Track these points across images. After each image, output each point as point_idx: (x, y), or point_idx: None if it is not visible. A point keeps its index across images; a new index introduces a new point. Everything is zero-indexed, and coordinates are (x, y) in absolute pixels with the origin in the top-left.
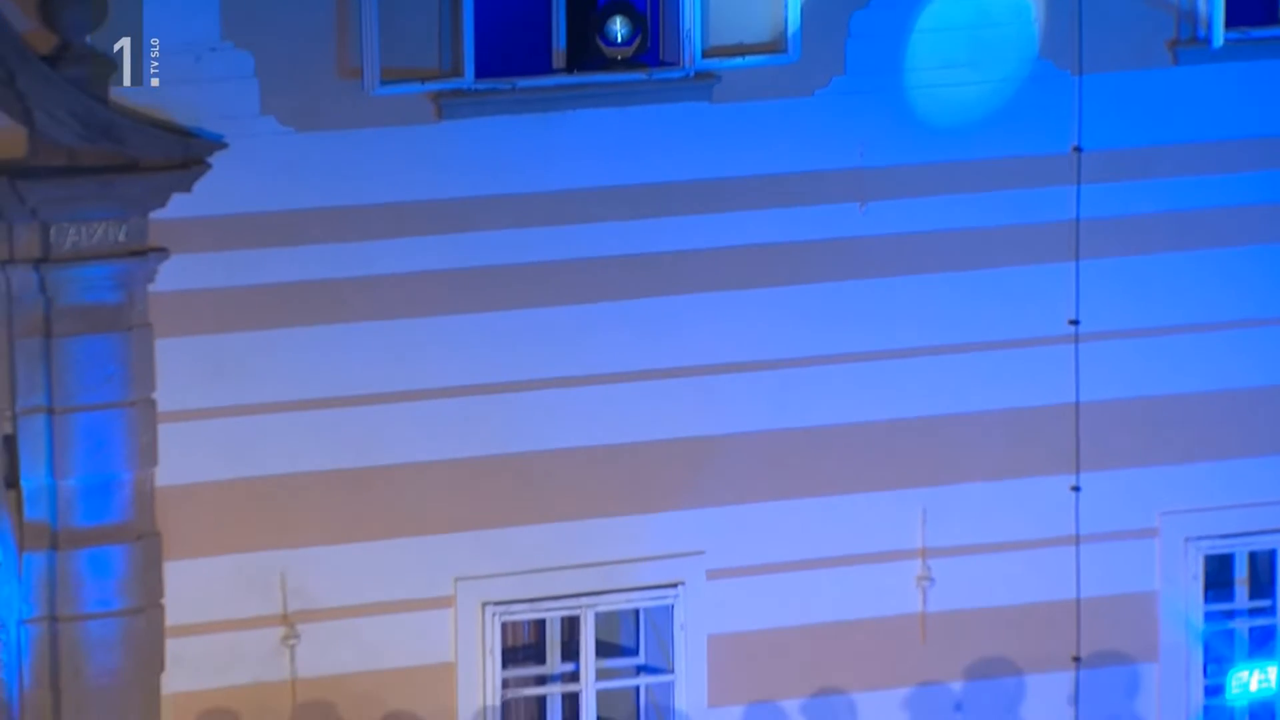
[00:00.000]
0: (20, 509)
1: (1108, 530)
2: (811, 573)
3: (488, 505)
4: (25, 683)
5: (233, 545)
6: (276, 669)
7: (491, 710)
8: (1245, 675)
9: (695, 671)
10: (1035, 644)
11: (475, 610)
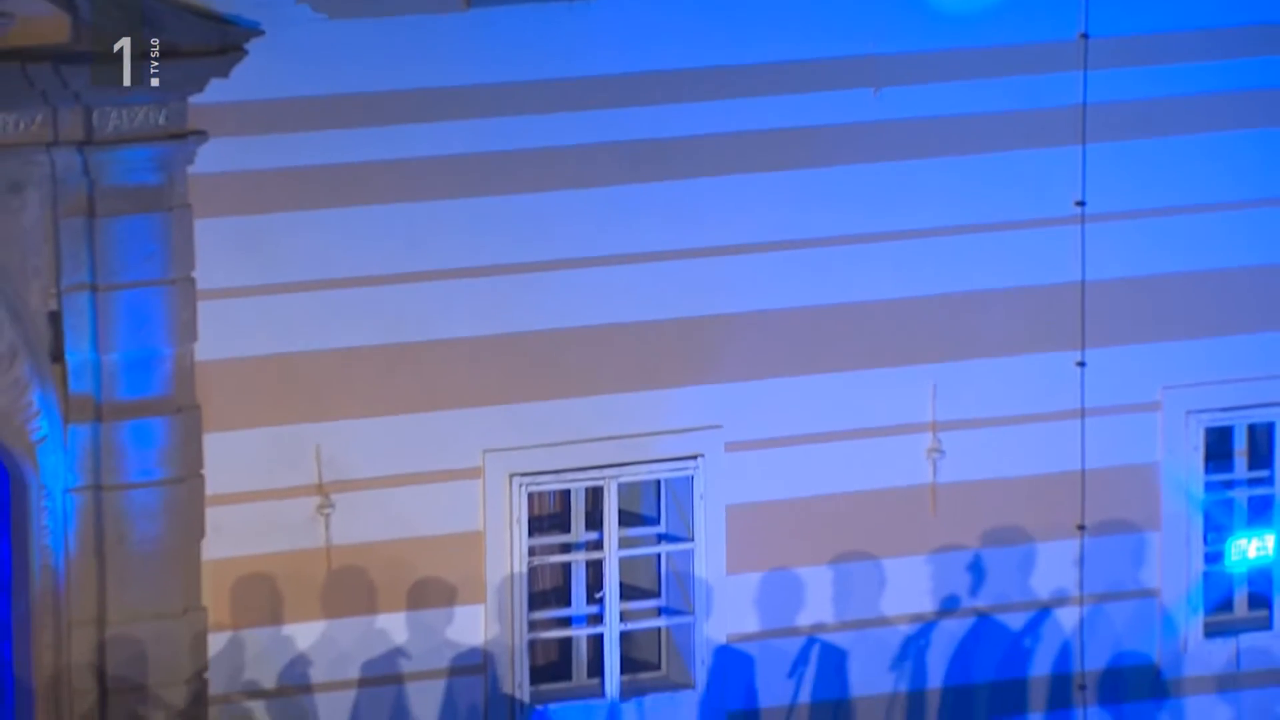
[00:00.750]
0: (65, 382)
1: (1111, 404)
2: (826, 446)
3: (514, 380)
4: (71, 549)
5: (269, 418)
6: (311, 537)
7: (518, 577)
8: (1244, 543)
9: (714, 540)
10: (1041, 514)
11: (502, 481)
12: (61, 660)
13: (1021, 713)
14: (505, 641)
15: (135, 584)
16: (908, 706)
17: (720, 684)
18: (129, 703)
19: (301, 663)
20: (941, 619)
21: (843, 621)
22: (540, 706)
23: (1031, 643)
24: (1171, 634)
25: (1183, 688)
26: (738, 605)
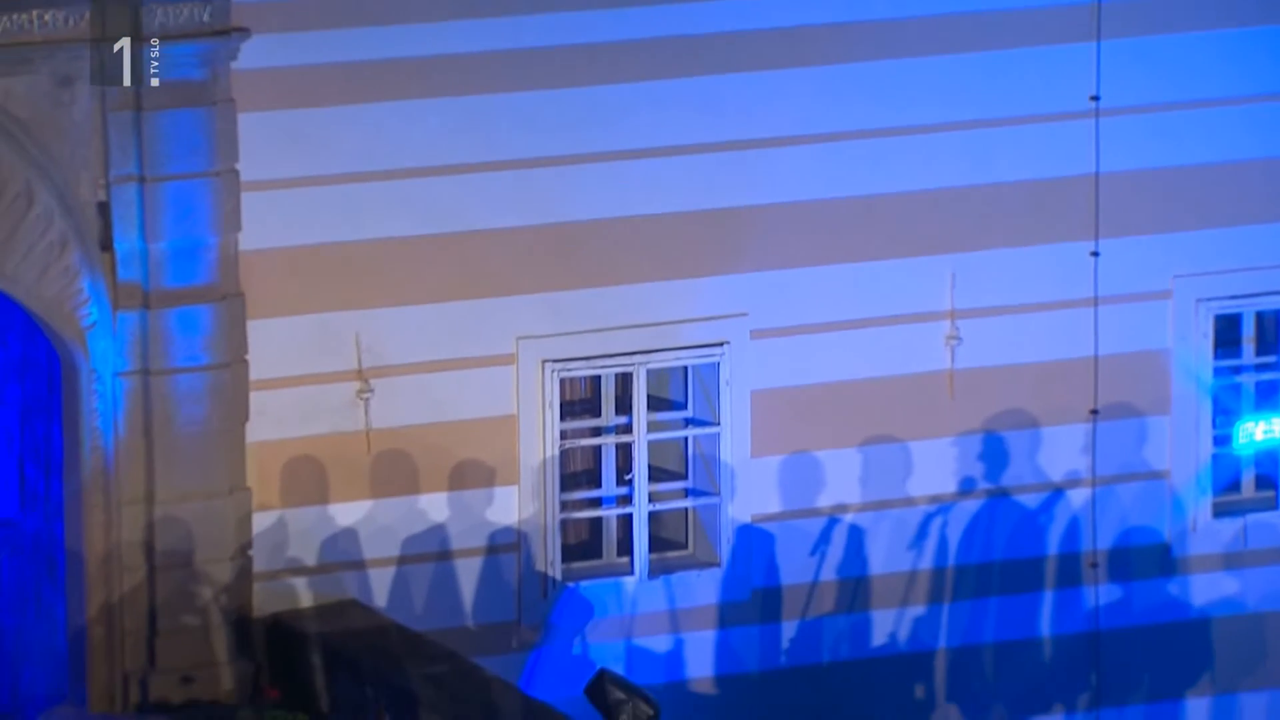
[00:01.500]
0: (114, 271)
1: (1124, 293)
2: (848, 333)
3: (548, 269)
4: (120, 432)
5: (311, 306)
6: (352, 421)
7: (551, 460)
8: (1251, 426)
9: (739, 424)
10: (1055, 398)
11: (535, 367)
12: (112, 538)
13: (1035, 589)
14: (538, 521)
15: (182, 465)
16: (926, 584)
17: (744, 562)
18: (177, 579)
19: (343, 540)
20: (958, 499)
21: (863, 502)
22: (571, 583)
23: (1045, 522)
24: (1180, 514)
25: (1191, 565)
26: (761, 487)
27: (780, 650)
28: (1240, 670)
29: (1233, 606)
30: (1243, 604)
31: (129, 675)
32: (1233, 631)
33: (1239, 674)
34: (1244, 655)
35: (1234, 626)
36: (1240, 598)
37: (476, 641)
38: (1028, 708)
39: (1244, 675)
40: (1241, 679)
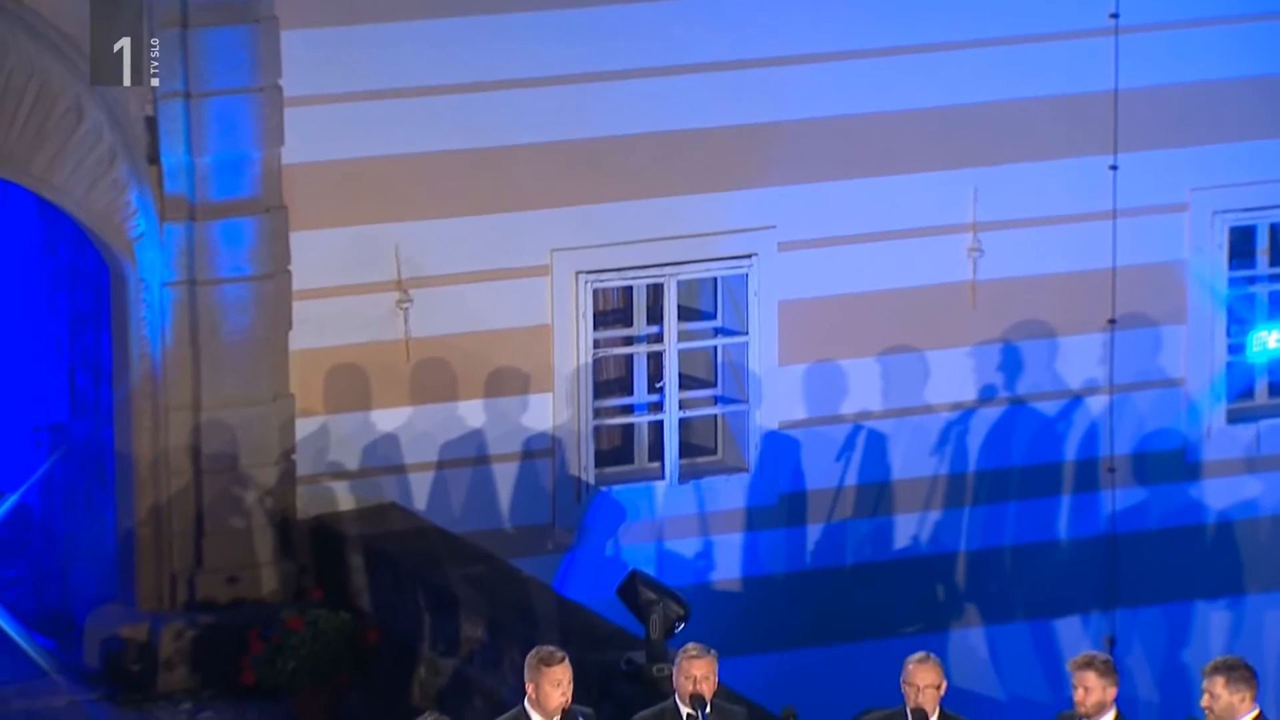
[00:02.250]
0: (161, 184)
1: (1142, 205)
2: (873, 245)
3: (581, 183)
4: (167, 340)
5: (351, 219)
6: (392, 330)
7: (584, 368)
8: (1265, 335)
9: (767, 334)
10: (1074, 308)
11: (569, 278)
12: (159, 443)
13: (1054, 494)
14: (572, 427)
15: (227, 372)
16: (946, 488)
17: (771, 467)
18: (222, 482)
19: (383, 446)
20: (979, 407)
21: (886, 409)
22: (604, 488)
23: (1064, 429)
24: (1196, 420)
25: (1205, 470)
26: (788, 394)
27: (805, 553)
28: (1254, 572)
29: (1247, 510)
30: (1256, 507)
31: (176, 575)
32: (1247, 534)
33: (1253, 576)
34: (1258, 558)
35: (1248, 530)
36: (1254, 501)
37: (512, 544)
38: (1046, 609)
39: (1257, 577)
40: (1255, 581)
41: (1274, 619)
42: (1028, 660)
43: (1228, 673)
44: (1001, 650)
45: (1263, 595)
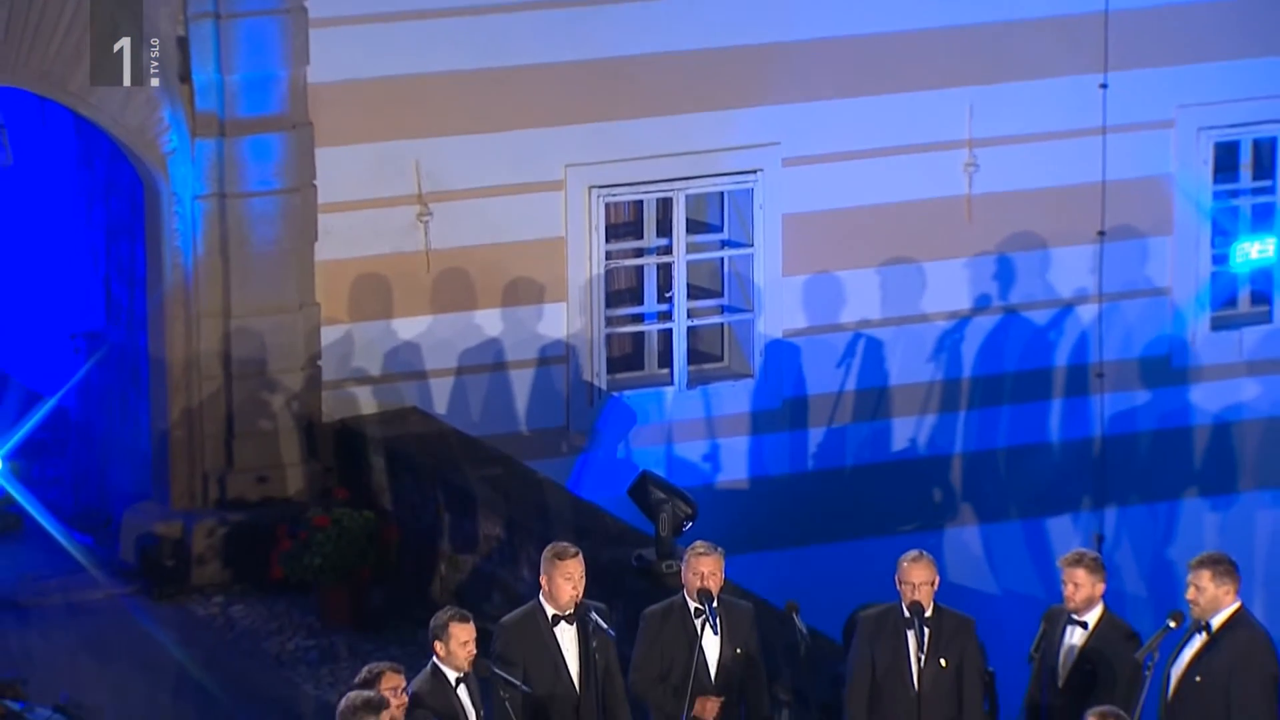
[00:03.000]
0: (192, 101)
1: (1130, 122)
2: (873, 161)
3: (594, 101)
4: (198, 250)
5: (374, 135)
6: (413, 241)
7: (596, 278)
8: (1247, 246)
9: (771, 246)
10: (1065, 221)
11: (583, 193)
12: (191, 348)
13: (1045, 398)
14: (585, 335)
15: (256, 281)
16: (942, 393)
17: (775, 373)
18: (251, 386)
19: (405, 352)
20: (974, 315)
21: (885, 318)
22: (616, 393)
23: (1055, 336)
24: (1181, 328)
25: (1191, 375)
26: (791, 304)
27: (808, 455)
28: (1236, 473)
29: (1230, 413)
30: (1240, 411)
31: (208, 475)
32: (1229, 437)
33: (1235, 476)
34: (1241, 459)
35: (1232, 432)
36: (1237, 405)
37: (528, 446)
38: (1037, 508)
39: (1240, 478)
40: (1237, 481)
41: (1258, 516)
42: (1020, 557)
43: (1213, 567)
44: (995, 547)
45: (1247, 494)
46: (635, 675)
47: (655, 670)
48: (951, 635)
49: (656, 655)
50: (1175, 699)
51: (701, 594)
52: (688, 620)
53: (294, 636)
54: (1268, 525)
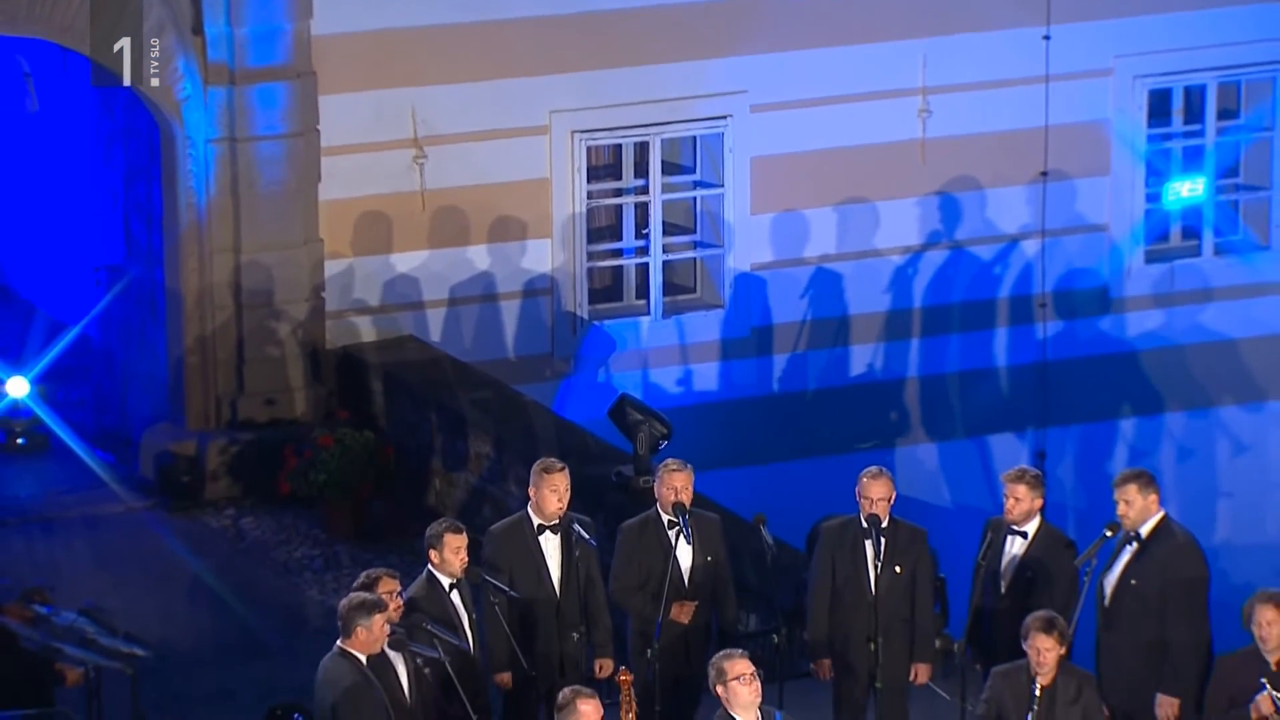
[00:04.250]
0: (204, 52)
1: (1071, 71)
2: (834, 107)
3: (577, 52)
4: (211, 191)
5: (373, 83)
6: (409, 182)
7: (579, 216)
8: (1178, 186)
9: (740, 186)
10: (1010, 163)
11: (566, 137)
12: (205, 281)
13: (991, 327)
14: (568, 269)
15: (264, 219)
16: (897, 322)
17: (743, 304)
18: (259, 316)
19: (401, 285)
20: (926, 250)
21: (843, 253)
22: (596, 322)
23: (1000, 269)
24: (1118, 261)
25: (1126, 305)
26: (758, 240)
27: (773, 379)
28: (1168, 394)
29: (1162, 339)
30: (1170, 338)
31: (220, 398)
32: (1161, 361)
33: (1167, 398)
34: (1172, 381)
35: (1162, 357)
36: (1168, 332)
37: (516, 371)
38: (984, 428)
39: (1172, 399)
40: (1168, 402)
41: (1186, 434)
42: (968, 473)
43: (1137, 480)
44: (945, 464)
45: (1176, 414)
46: (615, 584)
47: (634, 579)
48: (906, 545)
49: (634, 566)
50: (1112, 602)
51: (676, 507)
52: (662, 532)
53: (300, 546)
54: (1196, 442)
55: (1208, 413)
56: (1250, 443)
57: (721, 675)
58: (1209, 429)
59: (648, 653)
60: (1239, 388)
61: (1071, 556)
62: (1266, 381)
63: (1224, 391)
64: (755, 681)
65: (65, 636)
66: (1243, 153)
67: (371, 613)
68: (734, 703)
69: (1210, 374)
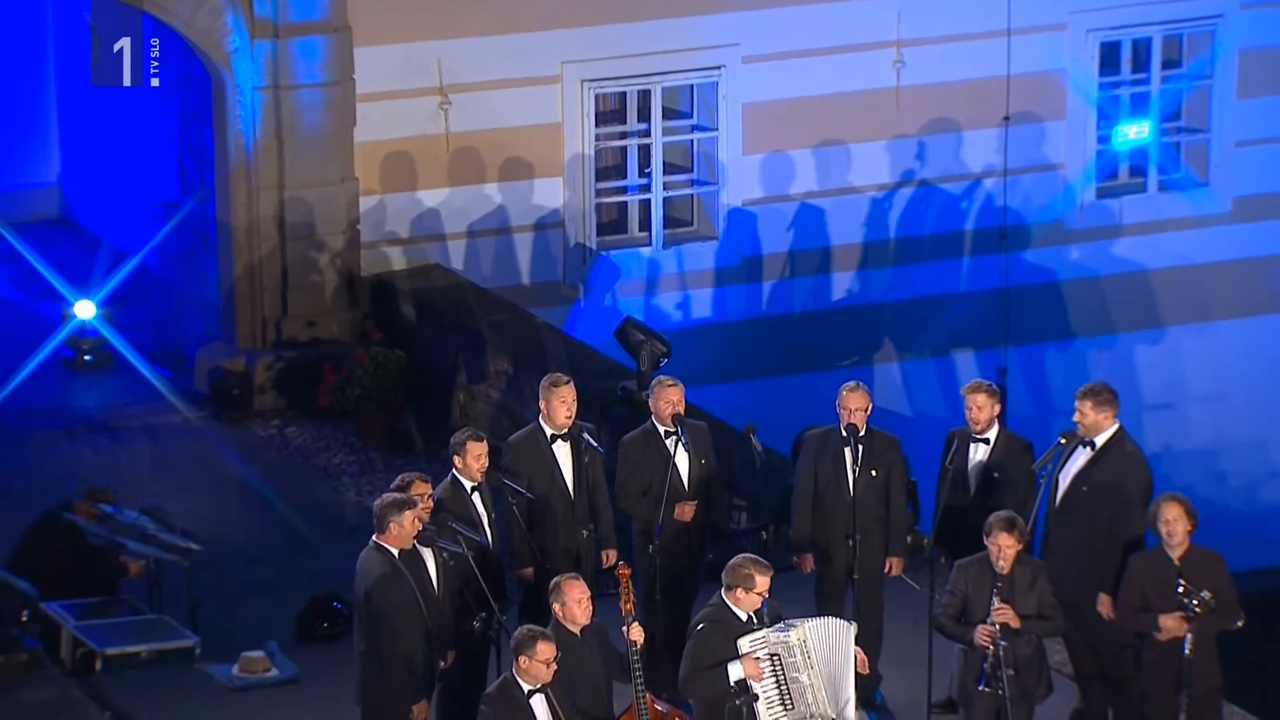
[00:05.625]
0: (251, 8)
1: (1030, 25)
2: (817, 59)
3: (586, 9)
4: (257, 134)
5: (403, 37)
6: (435, 126)
7: (587, 157)
8: (1126, 129)
9: (732, 130)
10: (976, 108)
11: (576, 85)
12: (252, 215)
13: (957, 256)
14: (578, 205)
15: (304, 159)
16: (872, 252)
17: (736, 236)
18: (301, 247)
19: (428, 218)
20: (899, 187)
21: (825, 190)
22: (603, 252)
23: (967, 205)
24: (1071, 197)
25: (1079, 237)
26: (749, 178)
27: (762, 303)
28: (1117, 317)
29: (1111, 267)
30: (1119, 266)
31: (267, 320)
32: (1111, 287)
33: (1115, 319)
34: (1120, 305)
35: (1112, 283)
36: (1116, 261)
37: (531, 296)
38: (950, 346)
39: (1120, 321)
40: (1117, 323)
41: (1136, 353)
42: (934, 387)
43: (1093, 397)
44: (913, 379)
45: (1125, 335)
46: (620, 493)
47: (637, 488)
48: (881, 451)
49: (637, 476)
50: (1063, 503)
51: (675, 419)
52: (661, 443)
53: (338, 453)
54: (1144, 360)
55: (1153, 333)
56: (1195, 358)
57: (747, 581)
58: (1154, 348)
59: (649, 549)
60: (1182, 310)
61: (1030, 459)
62: (1209, 303)
63: (1168, 313)
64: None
65: (128, 533)
66: (1184, 99)
67: (403, 510)
68: (741, 603)
69: (1156, 298)
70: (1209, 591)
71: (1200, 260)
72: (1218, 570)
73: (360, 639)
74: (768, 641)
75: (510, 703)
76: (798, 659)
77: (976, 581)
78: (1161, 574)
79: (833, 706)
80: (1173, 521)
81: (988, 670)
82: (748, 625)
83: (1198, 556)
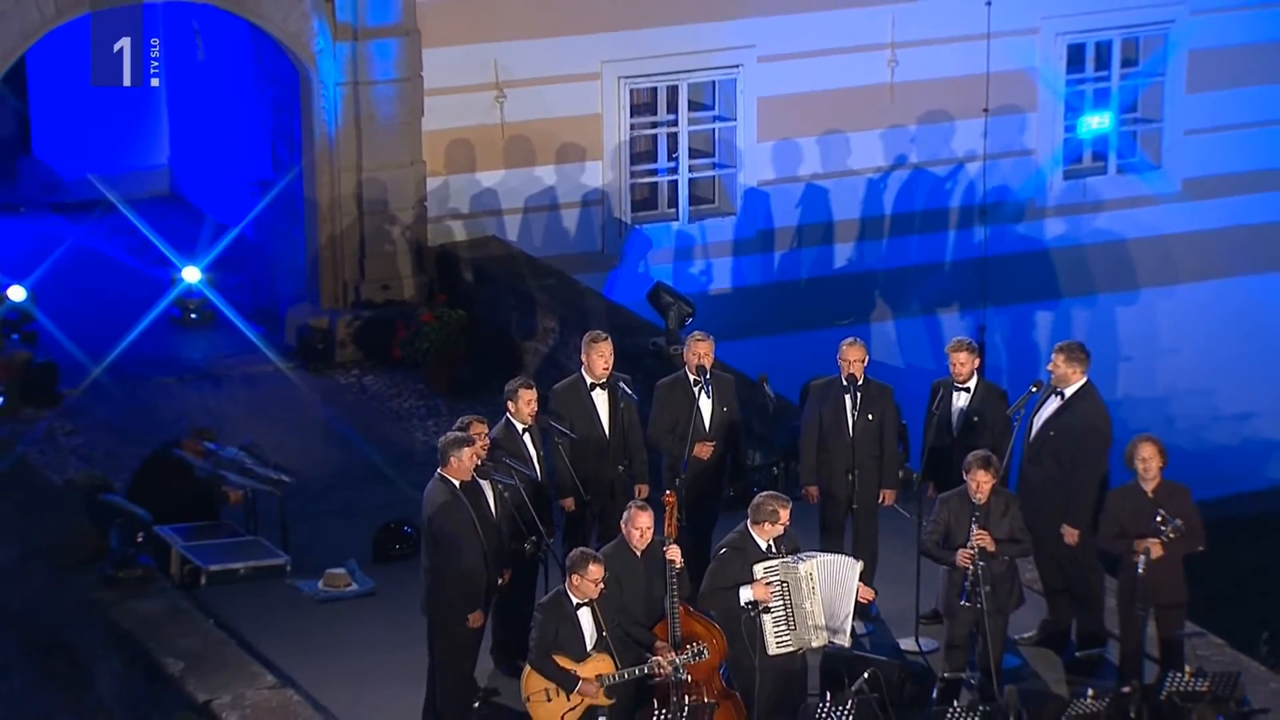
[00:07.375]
0: (334, 14)
1: (1008, 29)
2: (824, 59)
3: (624, 15)
4: (338, 123)
5: (465, 39)
6: (492, 117)
7: (624, 143)
8: (1090, 120)
9: (749, 119)
10: (961, 101)
11: (614, 82)
12: (334, 192)
13: (943, 229)
14: (615, 184)
15: (379, 145)
16: (869, 226)
17: (751, 212)
18: (376, 220)
19: (486, 196)
20: (893, 170)
21: (828, 172)
22: (637, 226)
23: (951, 185)
24: (1042, 179)
25: (1049, 213)
26: (763, 162)
27: (774, 270)
28: (1082, 283)
29: (1077, 240)
30: (1083, 238)
31: (347, 284)
32: (1077, 258)
33: (1081, 286)
34: (1085, 272)
35: (1078, 254)
36: (1081, 234)
37: (575, 264)
38: (937, 305)
39: (1084, 286)
40: (1082, 289)
41: (1094, 312)
42: (923, 342)
43: (1067, 353)
44: (904, 336)
45: (1086, 297)
46: (651, 429)
47: (666, 425)
48: (876, 398)
49: (667, 415)
50: (1034, 444)
51: (699, 369)
52: (689, 388)
53: (408, 399)
54: (1102, 318)
55: (1112, 296)
56: (1146, 319)
57: (773, 516)
58: (1111, 309)
59: (675, 482)
60: (1140, 276)
61: (1005, 404)
62: (1161, 271)
63: (1125, 279)
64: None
65: (228, 466)
66: (1140, 93)
67: (463, 447)
68: (764, 533)
69: (1115, 266)
70: (1181, 519)
71: (1153, 233)
72: (1185, 501)
73: (425, 557)
74: (781, 569)
75: (560, 612)
76: (804, 590)
77: (958, 511)
78: (1136, 505)
79: (828, 627)
80: (1148, 459)
81: (968, 587)
82: (766, 554)
83: (1168, 489)
